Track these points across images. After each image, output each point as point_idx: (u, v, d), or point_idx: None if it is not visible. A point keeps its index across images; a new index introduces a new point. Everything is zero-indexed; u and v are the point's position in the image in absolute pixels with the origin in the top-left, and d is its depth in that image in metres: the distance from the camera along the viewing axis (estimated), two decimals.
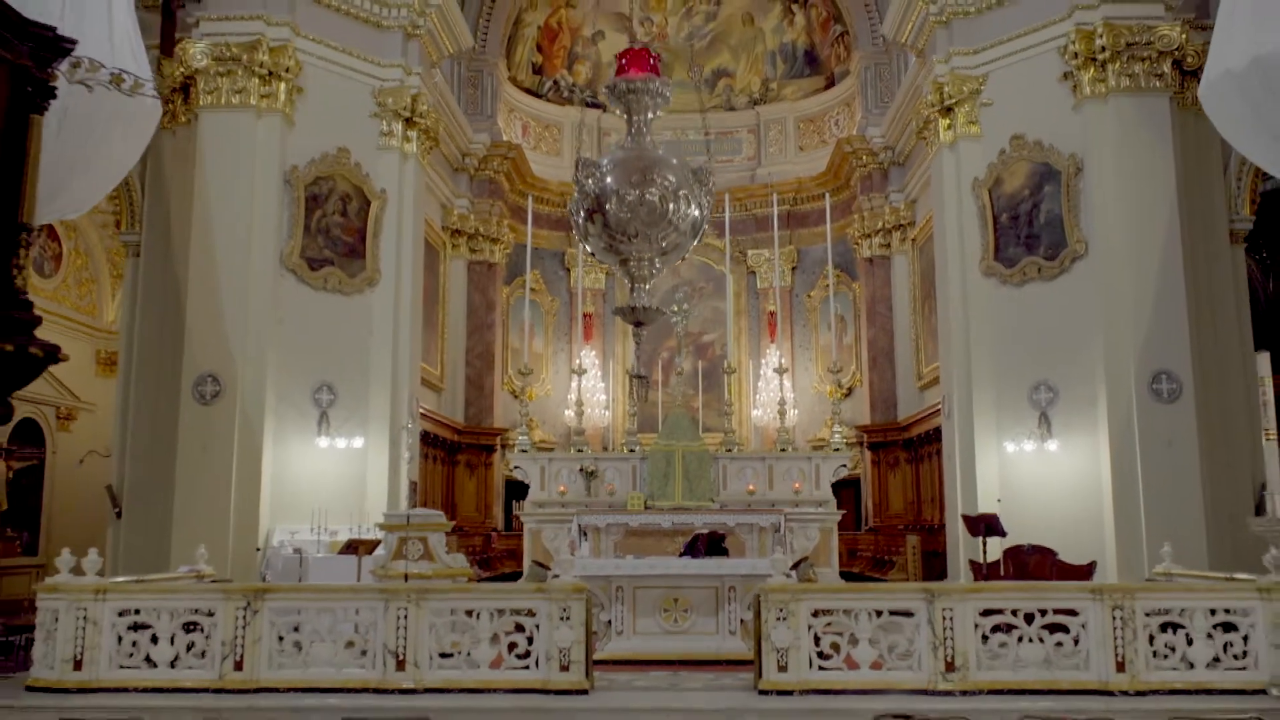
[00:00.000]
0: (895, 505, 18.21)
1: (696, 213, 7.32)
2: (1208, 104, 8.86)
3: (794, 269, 21.19)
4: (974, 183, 13.31)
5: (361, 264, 13.23)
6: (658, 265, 7.43)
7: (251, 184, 12.33)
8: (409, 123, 13.91)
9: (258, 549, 11.55)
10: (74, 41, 3.71)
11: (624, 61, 7.52)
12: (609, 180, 7.27)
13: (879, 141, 18.52)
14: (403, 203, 13.77)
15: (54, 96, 3.73)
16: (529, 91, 21.65)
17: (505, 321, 20.20)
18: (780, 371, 15.16)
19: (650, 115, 7.54)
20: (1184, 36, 12.17)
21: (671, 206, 7.12)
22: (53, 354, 3.54)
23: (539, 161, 21.00)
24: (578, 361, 16.89)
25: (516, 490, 17.86)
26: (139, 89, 6.28)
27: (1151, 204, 12.00)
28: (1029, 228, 12.81)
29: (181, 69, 12.26)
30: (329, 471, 12.63)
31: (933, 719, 7.12)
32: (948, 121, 13.67)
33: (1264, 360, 5.37)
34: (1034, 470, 12.45)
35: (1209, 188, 12.40)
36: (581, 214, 7.53)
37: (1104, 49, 12.16)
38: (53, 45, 3.67)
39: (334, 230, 12.98)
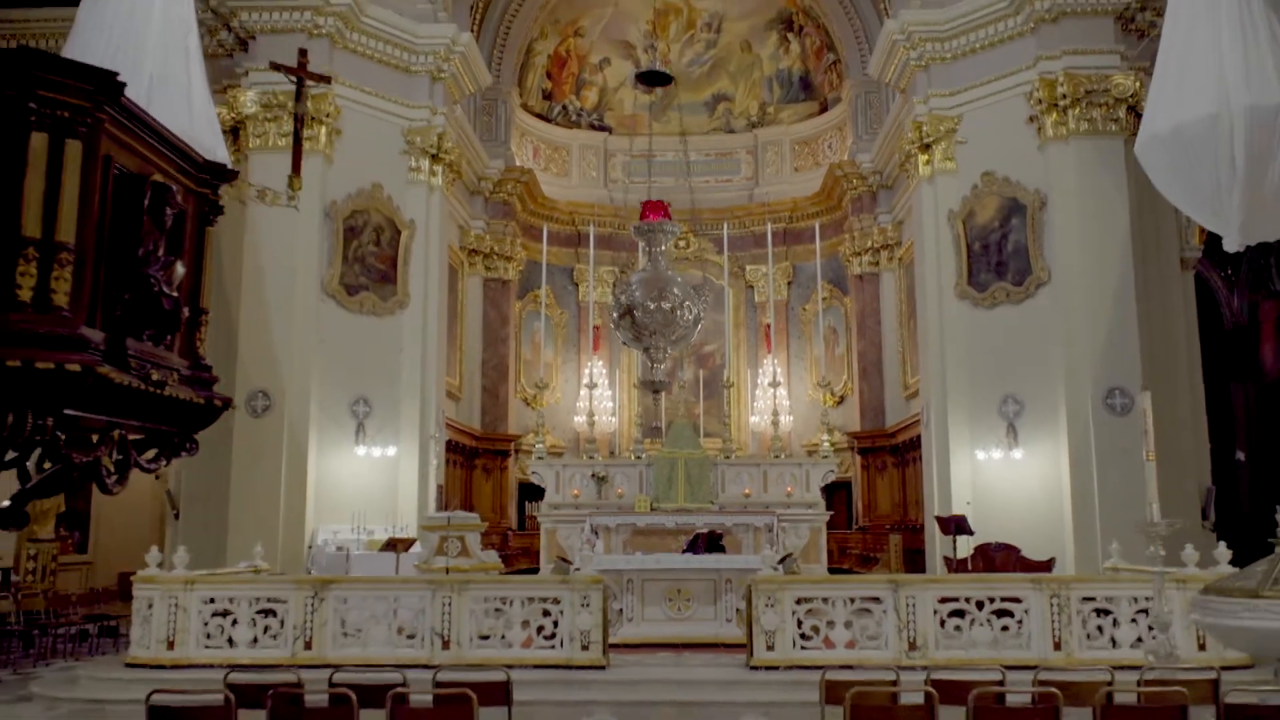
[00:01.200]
0: (883, 506, 19.51)
1: (696, 313, 10.01)
2: (1142, 160, 10.14)
3: (789, 283, 22.43)
4: (950, 214, 14.63)
5: (393, 289, 14.58)
6: (669, 351, 10.26)
7: (295, 218, 13.60)
8: (435, 158, 15.25)
9: (310, 546, 12.89)
10: (236, 173, 5.01)
11: (645, 209, 9.77)
12: (637, 294, 9.92)
13: (868, 166, 19.73)
14: (429, 232, 15.12)
15: (222, 212, 5.04)
16: (539, 116, 22.93)
17: (518, 334, 21.49)
18: (774, 385, 16.46)
19: (663, 247, 10.09)
20: (1138, 84, 13.43)
21: (679, 313, 9.68)
22: (227, 403, 4.83)
23: (548, 182, 22.24)
24: (588, 376, 18.19)
25: (529, 492, 19.25)
26: (276, 201, 7.55)
27: (1108, 236, 13.31)
28: (998, 256, 14.13)
29: (232, 114, 13.59)
30: (365, 477, 13.98)
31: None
32: (926, 157, 14.99)
33: (1146, 397, 6.66)
34: (1002, 475, 13.77)
35: (1161, 221, 13.69)
36: (616, 315, 10.40)
37: (1065, 96, 13.48)
38: (223, 174, 4.97)
39: (369, 259, 14.33)
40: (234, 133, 13.86)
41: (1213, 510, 13.48)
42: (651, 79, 11.03)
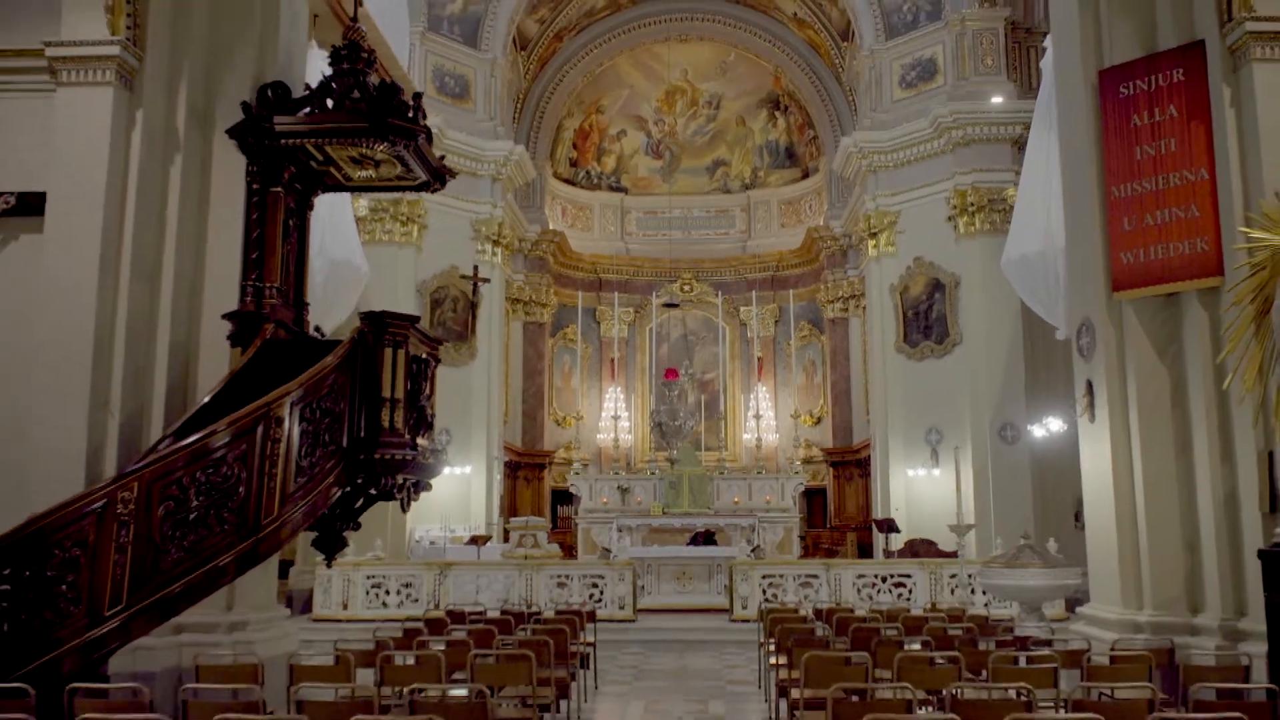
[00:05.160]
0: (850, 509, 23.95)
1: (692, 425, 16.51)
2: (1006, 274, 14.61)
3: (776, 322, 26.83)
4: (891, 287, 19.11)
5: (466, 345, 19.09)
6: (680, 443, 15.88)
7: (395, 295, 18.07)
8: (495, 242, 19.75)
9: (416, 541, 17.40)
10: (443, 340, 9.52)
11: (667, 373, 14.85)
12: (664, 417, 16.27)
13: (839, 230, 24.06)
14: (492, 300, 19.63)
15: (440, 361, 9.55)
16: (566, 181, 27.43)
17: (550, 367, 25.96)
18: (756, 417, 20.93)
19: (676, 391, 15.64)
20: None
21: (683, 426, 16.33)
22: (444, 461, 9.33)
23: (574, 237, 26.63)
24: (612, 406, 22.67)
25: (560, 497, 23.80)
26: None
27: (1005, 309, 17.68)
28: (925, 322, 18.61)
29: None
30: (448, 489, 18.45)
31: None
32: (874, 242, 19.46)
33: (957, 451, 10.98)
34: (924, 489, 18.25)
35: None
36: (651, 425, 16.59)
37: (973, 204, 17.94)
38: (440, 342, 9.50)
39: (449, 323, 18.84)
40: None
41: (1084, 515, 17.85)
42: (668, 305, 22.06)
